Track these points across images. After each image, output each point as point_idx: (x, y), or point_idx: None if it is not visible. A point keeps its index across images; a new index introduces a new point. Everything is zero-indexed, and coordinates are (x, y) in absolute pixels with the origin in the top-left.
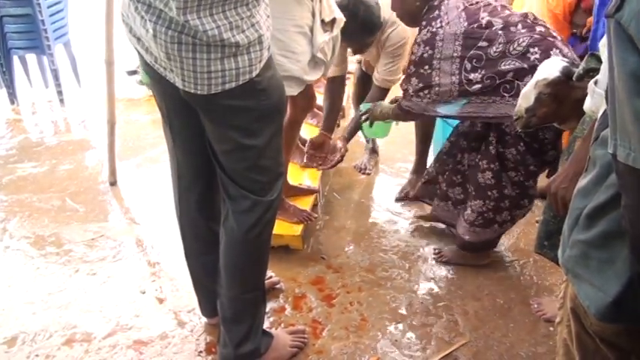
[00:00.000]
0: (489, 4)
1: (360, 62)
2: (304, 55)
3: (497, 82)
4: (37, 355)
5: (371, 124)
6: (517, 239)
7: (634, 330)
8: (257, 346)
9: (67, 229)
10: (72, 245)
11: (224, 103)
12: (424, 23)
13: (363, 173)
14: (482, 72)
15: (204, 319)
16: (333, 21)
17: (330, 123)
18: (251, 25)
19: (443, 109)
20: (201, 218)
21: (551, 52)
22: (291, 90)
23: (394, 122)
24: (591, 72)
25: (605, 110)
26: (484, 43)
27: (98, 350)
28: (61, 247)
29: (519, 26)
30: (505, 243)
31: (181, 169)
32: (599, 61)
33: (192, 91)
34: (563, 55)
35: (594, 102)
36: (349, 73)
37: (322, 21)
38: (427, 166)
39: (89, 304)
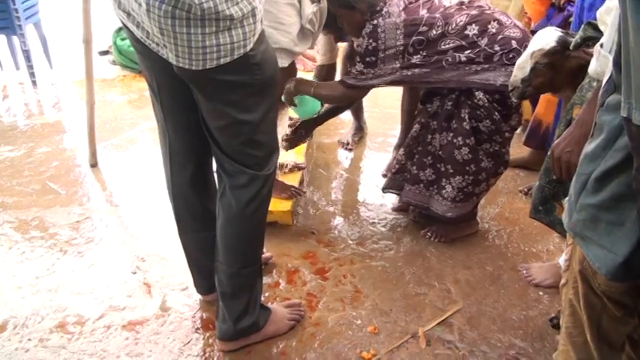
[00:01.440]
0: (428, 1)
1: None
2: (293, 26)
3: (436, 57)
4: (29, 340)
5: (291, 103)
6: (502, 208)
7: (638, 286)
8: (256, 320)
9: (50, 212)
10: (57, 228)
11: (219, 79)
12: (367, 24)
13: (345, 148)
14: (424, 53)
15: (198, 297)
16: None
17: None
18: None
19: (387, 79)
20: (195, 195)
21: (489, 26)
22: (282, 62)
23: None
24: (588, 40)
25: (610, 77)
26: (424, 28)
27: (92, 332)
28: (46, 231)
29: (456, 14)
30: (491, 212)
31: (173, 147)
32: (596, 29)
33: (187, 66)
34: (501, 24)
35: (599, 64)
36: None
37: None
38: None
39: (79, 287)
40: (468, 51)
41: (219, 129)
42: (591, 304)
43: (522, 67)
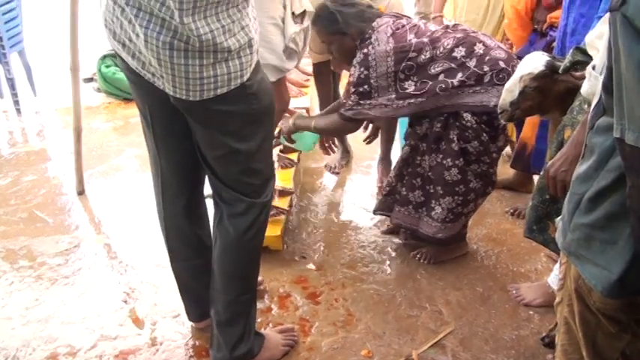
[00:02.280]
0: (415, 25)
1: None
2: (278, 45)
3: (429, 84)
4: None
5: (290, 141)
6: (489, 230)
7: (631, 303)
8: (251, 347)
9: (38, 241)
10: (45, 257)
11: (216, 109)
12: (358, 52)
13: (333, 172)
14: (415, 78)
15: (190, 324)
16: (304, 13)
17: (325, 104)
18: (241, 28)
19: (384, 110)
20: (188, 224)
21: (475, 47)
22: (270, 77)
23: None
24: (577, 65)
25: (599, 100)
26: (413, 54)
27: None
28: (34, 260)
29: (442, 38)
30: (479, 234)
31: (165, 177)
32: (584, 54)
33: (184, 97)
34: (486, 46)
35: (591, 85)
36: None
37: (293, 13)
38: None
39: (70, 316)
40: (460, 74)
41: (216, 158)
42: (586, 321)
43: (511, 90)
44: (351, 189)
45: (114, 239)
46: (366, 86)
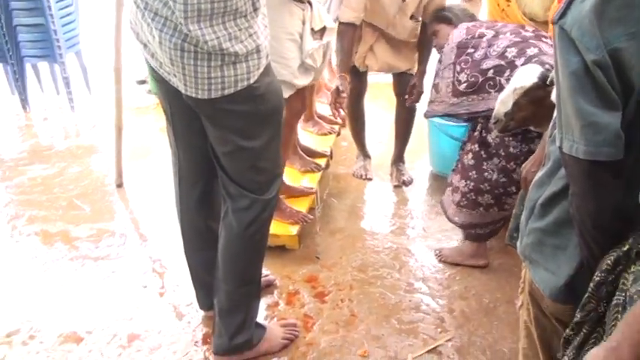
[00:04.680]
0: (492, 26)
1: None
2: (294, 60)
3: (481, 79)
4: (37, 353)
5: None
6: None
7: None
8: (250, 337)
9: (74, 227)
10: (78, 242)
11: (224, 107)
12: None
13: (365, 179)
14: (468, 72)
15: (201, 312)
16: (323, 30)
17: (344, 65)
18: (249, 35)
19: (442, 109)
20: (201, 216)
21: (527, 51)
22: (283, 93)
23: None
24: None
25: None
26: (471, 50)
27: (98, 341)
28: (68, 244)
29: (507, 34)
30: (495, 246)
31: (183, 169)
32: None
33: (194, 95)
34: (540, 50)
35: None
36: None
37: (312, 29)
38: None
39: (92, 297)
40: (507, 72)
41: (224, 154)
42: (542, 325)
43: (505, 101)
44: (373, 195)
45: (144, 230)
46: (437, 78)
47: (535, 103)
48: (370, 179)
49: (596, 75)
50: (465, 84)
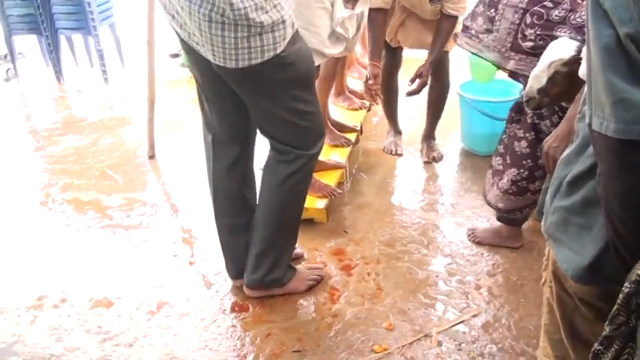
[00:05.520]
0: None
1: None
2: (324, 28)
3: (549, 43)
4: (68, 316)
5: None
6: (536, 222)
7: (612, 292)
8: (281, 276)
9: (106, 196)
10: (110, 211)
11: (253, 76)
12: None
13: (395, 154)
14: (538, 31)
15: (229, 282)
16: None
17: (377, 51)
18: (273, 6)
19: (492, 56)
20: (234, 182)
21: None
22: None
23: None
24: None
25: None
26: (549, 4)
27: (128, 306)
28: (100, 213)
29: None
30: (525, 224)
31: (217, 135)
32: None
33: (222, 64)
34: None
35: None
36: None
37: None
38: None
39: (123, 265)
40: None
41: (262, 119)
42: (564, 303)
43: (539, 77)
44: (403, 170)
45: (175, 200)
46: (493, 10)
47: (570, 78)
48: (400, 155)
49: (629, 49)
50: (530, 42)
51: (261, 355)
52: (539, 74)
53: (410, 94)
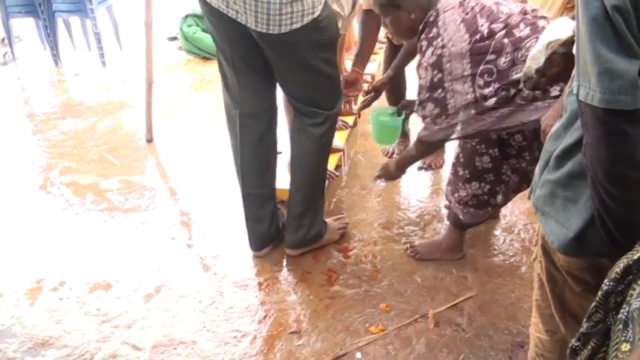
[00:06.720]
0: (484, 7)
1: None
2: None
3: (512, 92)
4: (67, 298)
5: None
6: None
7: (598, 265)
8: (320, 230)
9: (105, 180)
10: (108, 194)
11: (293, 41)
12: (424, 44)
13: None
14: (496, 85)
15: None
16: None
17: (362, 58)
18: None
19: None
20: (262, 151)
21: None
22: None
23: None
24: None
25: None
26: (492, 56)
27: (125, 289)
28: (99, 196)
29: (522, 26)
30: (520, 207)
31: (244, 109)
32: None
33: (264, 31)
34: None
35: None
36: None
37: None
38: None
39: (121, 248)
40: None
41: (293, 82)
42: (553, 278)
43: (537, 57)
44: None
45: (173, 184)
46: (439, 90)
47: (568, 59)
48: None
49: (615, 20)
50: (492, 99)
51: (258, 337)
52: (537, 55)
53: (361, 108)
